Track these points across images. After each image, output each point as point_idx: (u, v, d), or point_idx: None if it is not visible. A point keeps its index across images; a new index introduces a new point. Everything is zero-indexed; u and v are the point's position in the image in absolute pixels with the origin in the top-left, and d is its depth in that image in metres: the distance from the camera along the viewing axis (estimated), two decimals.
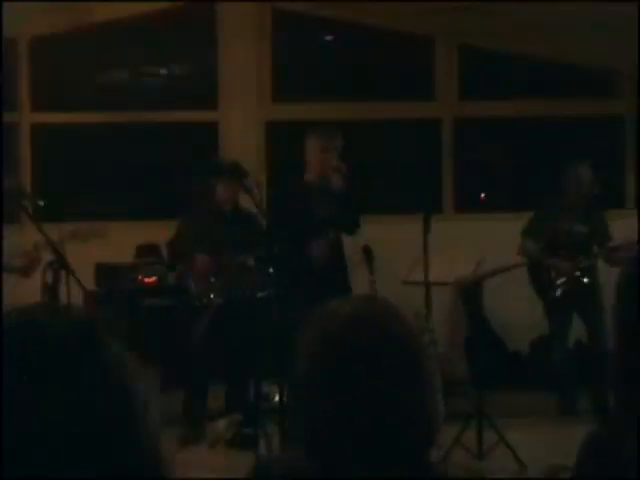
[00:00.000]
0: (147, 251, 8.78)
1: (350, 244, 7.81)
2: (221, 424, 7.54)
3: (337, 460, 2.01)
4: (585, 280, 8.34)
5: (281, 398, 7.18)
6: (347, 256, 7.89)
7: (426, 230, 7.14)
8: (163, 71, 10.68)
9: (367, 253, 7.66)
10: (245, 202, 7.81)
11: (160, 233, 8.42)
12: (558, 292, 8.40)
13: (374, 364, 2.02)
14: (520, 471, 6.69)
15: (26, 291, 7.14)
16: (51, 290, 6.79)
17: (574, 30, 9.37)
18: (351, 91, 10.35)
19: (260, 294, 7.90)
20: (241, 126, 9.80)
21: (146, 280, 8.16)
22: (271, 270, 7.58)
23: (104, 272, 8.62)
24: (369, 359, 2.02)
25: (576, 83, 10.40)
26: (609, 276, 6.23)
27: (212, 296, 7.83)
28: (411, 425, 2.03)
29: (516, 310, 8.93)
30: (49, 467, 1.29)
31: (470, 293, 8.89)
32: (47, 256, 6.77)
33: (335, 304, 2.12)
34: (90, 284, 7.89)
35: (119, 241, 8.34)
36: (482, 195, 10.96)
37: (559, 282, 8.39)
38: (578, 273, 8.37)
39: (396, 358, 2.04)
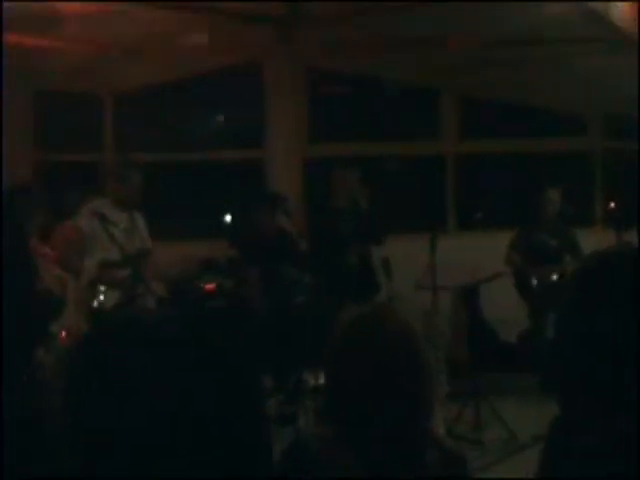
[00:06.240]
0: (207, 263, 8.77)
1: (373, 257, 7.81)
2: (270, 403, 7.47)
3: (359, 430, 2.11)
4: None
5: (316, 383, 7.17)
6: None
7: (434, 245, 7.20)
8: (221, 118, 10.70)
9: (386, 264, 7.69)
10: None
11: (218, 249, 8.45)
12: (537, 294, 8.37)
13: (382, 356, 2.12)
14: (511, 439, 6.70)
15: (110, 298, 7.18)
16: (131, 297, 6.83)
17: (555, 83, 9.37)
18: (377, 133, 10.27)
19: (299, 299, 7.90)
20: (283, 162, 9.74)
21: (207, 287, 8.14)
22: (307, 280, 7.63)
23: (173, 282, 8.62)
24: (377, 353, 2.12)
25: (555, 125, 10.35)
26: None
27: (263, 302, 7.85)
28: (411, 401, 2.12)
29: (507, 308, 8.78)
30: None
31: (469, 295, 8.83)
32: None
33: (350, 312, 2.22)
34: (161, 291, 7.91)
35: (186, 255, 8.38)
36: (479, 215, 10.95)
37: (537, 286, 8.39)
38: (553, 278, 8.34)
39: (397, 351, 2.13)
